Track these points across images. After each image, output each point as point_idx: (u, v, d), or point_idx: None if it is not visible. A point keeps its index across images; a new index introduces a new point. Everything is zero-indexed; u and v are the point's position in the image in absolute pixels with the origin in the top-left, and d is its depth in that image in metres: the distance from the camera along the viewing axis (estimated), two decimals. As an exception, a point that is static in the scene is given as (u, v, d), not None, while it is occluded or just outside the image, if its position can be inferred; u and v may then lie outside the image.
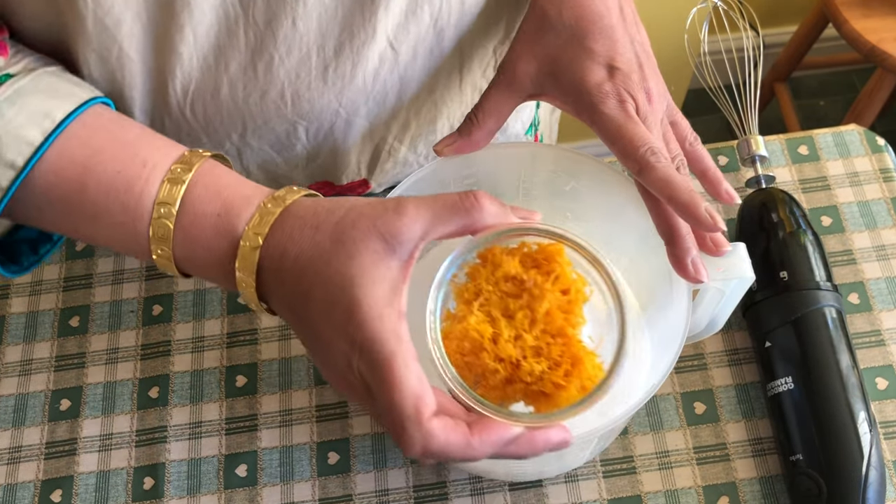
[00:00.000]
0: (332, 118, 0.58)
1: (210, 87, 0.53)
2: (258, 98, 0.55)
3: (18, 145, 0.43)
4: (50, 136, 0.44)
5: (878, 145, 0.71)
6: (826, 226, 0.68)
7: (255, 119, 0.56)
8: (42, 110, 0.44)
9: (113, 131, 0.46)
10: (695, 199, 0.47)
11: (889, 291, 0.65)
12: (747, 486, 0.59)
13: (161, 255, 0.45)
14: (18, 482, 0.61)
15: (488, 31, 0.60)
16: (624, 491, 0.59)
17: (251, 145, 0.60)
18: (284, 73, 0.53)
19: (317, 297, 0.42)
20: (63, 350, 0.66)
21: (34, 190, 0.45)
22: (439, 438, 0.39)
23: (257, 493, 0.60)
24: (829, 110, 1.92)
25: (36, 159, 0.44)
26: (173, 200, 0.44)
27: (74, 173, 0.45)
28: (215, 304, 0.67)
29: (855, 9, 1.44)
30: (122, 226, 0.45)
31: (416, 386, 0.39)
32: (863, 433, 0.55)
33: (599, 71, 0.50)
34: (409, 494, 0.59)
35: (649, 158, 0.48)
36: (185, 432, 0.63)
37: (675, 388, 0.62)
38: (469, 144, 0.54)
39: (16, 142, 0.43)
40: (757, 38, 0.69)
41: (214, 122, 0.56)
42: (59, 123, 0.44)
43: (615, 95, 0.50)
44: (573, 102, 0.51)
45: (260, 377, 0.64)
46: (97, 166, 0.45)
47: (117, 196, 0.44)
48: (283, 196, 0.45)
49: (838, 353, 0.58)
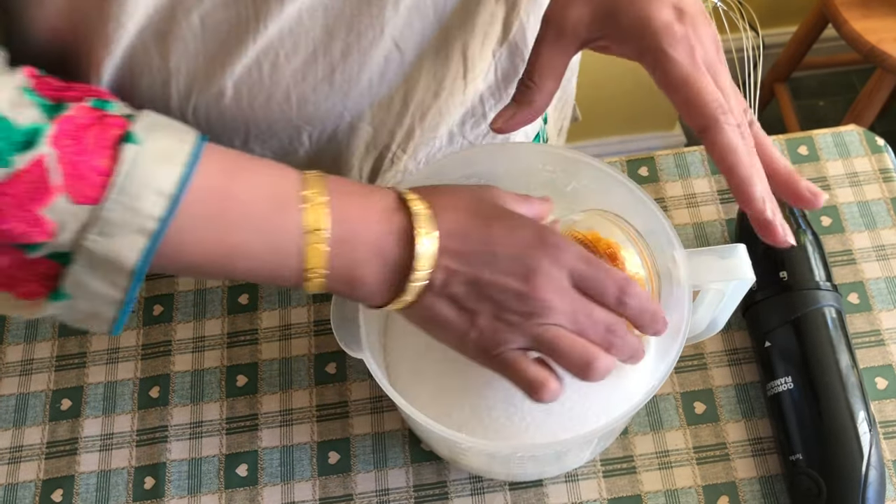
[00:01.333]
0: (337, 122, 0.58)
1: (214, 91, 0.53)
2: (263, 102, 0.54)
3: (168, 174, 0.42)
4: (192, 161, 0.43)
5: (877, 146, 0.71)
6: (826, 226, 0.68)
7: (259, 124, 0.56)
8: (175, 141, 0.43)
9: (232, 153, 0.47)
10: (753, 177, 0.46)
11: (889, 291, 0.65)
12: (747, 485, 0.59)
13: (315, 242, 0.45)
14: (19, 482, 0.61)
15: (487, 31, 0.59)
16: (624, 490, 0.59)
17: (254, 151, 0.59)
18: (290, 74, 0.53)
19: (498, 231, 0.47)
20: (64, 350, 0.66)
21: (185, 212, 0.43)
22: (643, 293, 0.48)
23: (258, 493, 0.60)
24: (829, 111, 1.92)
25: (186, 184, 0.42)
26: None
27: (218, 184, 0.44)
28: (216, 304, 0.67)
29: (855, 9, 1.44)
30: (269, 225, 0.45)
31: None
32: (862, 433, 0.55)
33: (667, 11, 0.48)
34: (409, 494, 0.60)
35: (720, 117, 0.46)
36: (186, 432, 0.63)
37: (675, 387, 0.62)
38: (531, 112, 0.52)
39: (165, 171, 0.42)
40: (757, 39, 0.70)
41: (217, 127, 0.56)
42: (194, 150, 0.43)
43: (685, 39, 0.47)
44: (635, 44, 0.49)
45: (260, 377, 0.64)
46: (241, 172, 0.45)
47: (265, 194, 0.45)
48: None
49: (838, 353, 0.58)
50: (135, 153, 0.41)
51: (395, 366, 0.56)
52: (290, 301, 0.67)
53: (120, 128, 0.42)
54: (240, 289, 0.68)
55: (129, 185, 0.41)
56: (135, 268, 0.42)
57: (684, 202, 0.69)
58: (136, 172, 0.41)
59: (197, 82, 0.52)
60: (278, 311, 0.67)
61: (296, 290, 0.67)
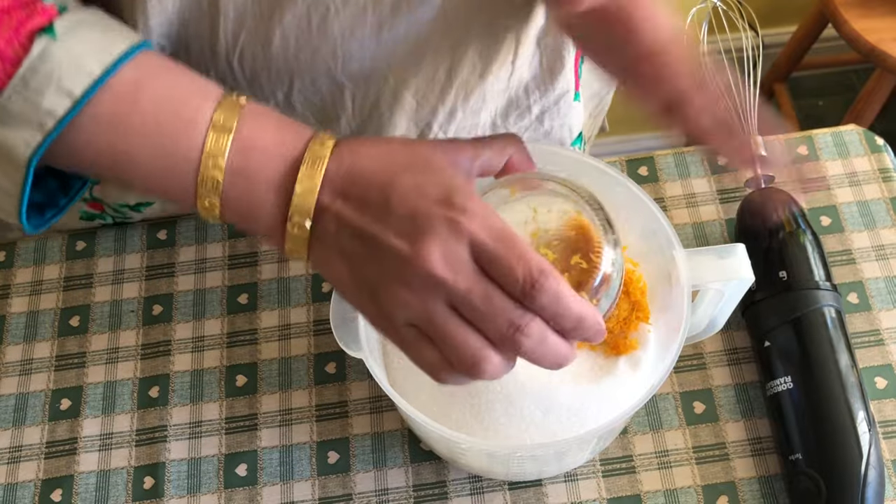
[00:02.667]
0: (380, 85, 0.57)
1: (262, 38, 0.52)
2: (309, 54, 0.53)
3: (79, 75, 0.42)
4: (111, 68, 0.43)
5: (877, 145, 0.71)
6: (825, 226, 0.68)
7: (304, 76, 0.54)
8: (102, 44, 0.43)
9: (169, 66, 0.46)
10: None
11: (888, 291, 0.65)
12: (746, 485, 0.59)
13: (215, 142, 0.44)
14: (19, 482, 0.61)
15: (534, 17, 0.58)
16: (623, 490, 0.59)
17: (295, 108, 0.57)
18: (339, 28, 0.52)
19: (404, 182, 0.42)
20: (63, 350, 0.66)
21: (86, 112, 0.43)
22: (566, 286, 0.40)
23: (257, 493, 0.60)
24: (829, 110, 1.92)
25: (95, 89, 0.42)
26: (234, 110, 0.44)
27: (128, 90, 0.44)
28: (215, 303, 0.67)
29: (854, 9, 1.44)
30: (172, 136, 0.44)
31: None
32: (862, 433, 0.55)
33: None
34: (408, 494, 0.60)
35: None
36: (186, 432, 0.63)
37: (675, 387, 0.62)
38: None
39: (76, 72, 0.42)
40: (756, 39, 0.69)
41: (261, 77, 0.55)
42: (119, 57, 0.43)
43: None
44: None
45: (260, 377, 0.64)
46: (152, 81, 0.44)
47: (172, 109, 0.44)
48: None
49: (837, 353, 0.58)
50: (44, 47, 0.41)
51: (394, 366, 0.56)
52: (289, 301, 0.67)
53: (45, 19, 0.42)
54: (240, 289, 0.68)
55: (33, 78, 0.41)
56: (27, 162, 0.42)
57: (684, 202, 0.69)
58: (43, 67, 0.41)
59: (245, 28, 0.51)
60: (278, 311, 0.67)
61: (295, 292, 0.67)
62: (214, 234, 0.70)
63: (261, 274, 0.68)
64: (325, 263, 0.44)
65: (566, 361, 0.42)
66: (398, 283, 0.41)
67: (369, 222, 0.42)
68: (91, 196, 0.68)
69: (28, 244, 0.71)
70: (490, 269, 0.40)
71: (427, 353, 0.42)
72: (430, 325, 0.41)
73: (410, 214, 0.41)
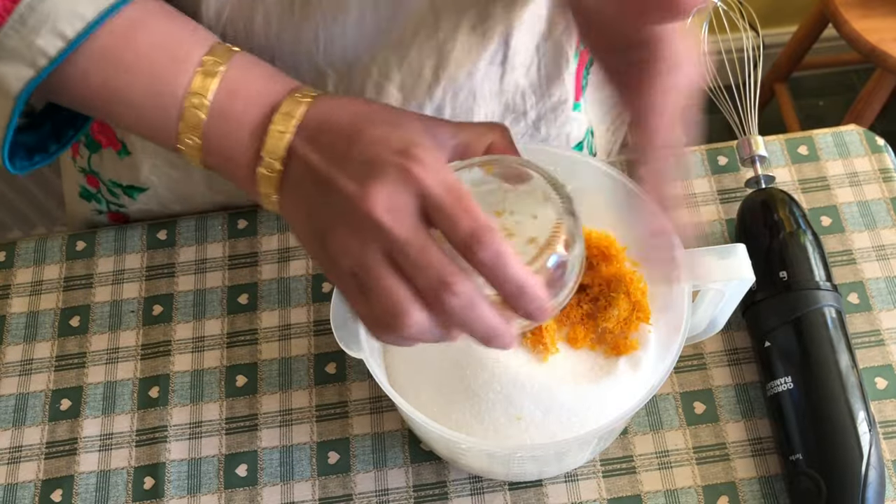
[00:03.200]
0: (363, 77, 0.57)
1: (245, 14, 0.52)
2: (291, 37, 0.53)
3: (73, 19, 0.44)
4: (105, 14, 0.44)
5: (877, 145, 0.71)
6: (826, 226, 0.68)
7: (286, 59, 0.55)
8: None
9: (169, 11, 0.47)
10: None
11: (888, 291, 0.65)
12: (747, 485, 0.59)
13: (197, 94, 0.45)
14: (19, 482, 0.61)
15: (531, 22, 0.58)
16: (624, 490, 0.59)
17: None
18: (320, 11, 0.52)
19: (371, 133, 0.42)
20: (63, 350, 0.66)
21: (81, 49, 0.45)
22: (510, 249, 0.39)
23: (257, 493, 0.60)
24: (829, 110, 1.92)
25: (88, 33, 0.44)
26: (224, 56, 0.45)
27: (126, 29, 0.45)
28: (215, 304, 0.67)
29: (855, 9, 1.44)
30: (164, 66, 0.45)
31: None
32: (862, 433, 0.55)
33: None
34: (409, 494, 0.60)
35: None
36: (186, 432, 0.63)
37: (675, 387, 0.62)
38: None
39: (71, 15, 0.44)
40: (757, 39, 0.69)
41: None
42: (114, 4, 0.45)
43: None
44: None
45: (260, 377, 0.64)
46: (150, 22, 0.46)
47: (166, 49, 0.46)
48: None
49: (838, 353, 0.58)
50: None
51: (394, 366, 0.56)
52: (290, 301, 0.67)
53: None
54: (240, 289, 0.68)
55: (31, 17, 0.43)
56: (17, 95, 0.44)
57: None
58: (40, 7, 0.43)
59: (229, 3, 0.52)
60: (278, 311, 0.67)
61: (295, 292, 0.67)
62: (214, 235, 0.70)
63: (261, 274, 0.68)
64: (292, 209, 0.45)
65: (499, 339, 0.41)
66: (343, 225, 0.41)
67: (328, 166, 0.42)
68: (89, 167, 0.69)
69: (28, 244, 0.71)
70: (435, 219, 0.40)
71: (362, 305, 0.41)
72: (363, 271, 0.40)
73: (367, 160, 0.41)
